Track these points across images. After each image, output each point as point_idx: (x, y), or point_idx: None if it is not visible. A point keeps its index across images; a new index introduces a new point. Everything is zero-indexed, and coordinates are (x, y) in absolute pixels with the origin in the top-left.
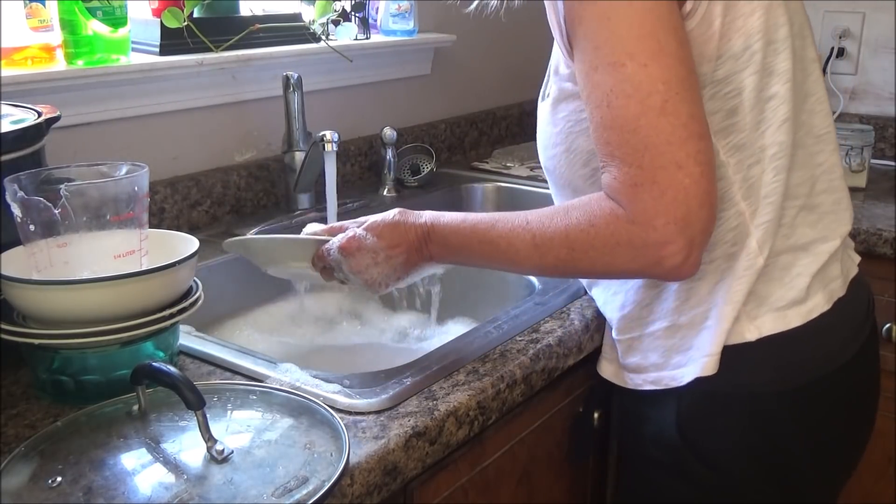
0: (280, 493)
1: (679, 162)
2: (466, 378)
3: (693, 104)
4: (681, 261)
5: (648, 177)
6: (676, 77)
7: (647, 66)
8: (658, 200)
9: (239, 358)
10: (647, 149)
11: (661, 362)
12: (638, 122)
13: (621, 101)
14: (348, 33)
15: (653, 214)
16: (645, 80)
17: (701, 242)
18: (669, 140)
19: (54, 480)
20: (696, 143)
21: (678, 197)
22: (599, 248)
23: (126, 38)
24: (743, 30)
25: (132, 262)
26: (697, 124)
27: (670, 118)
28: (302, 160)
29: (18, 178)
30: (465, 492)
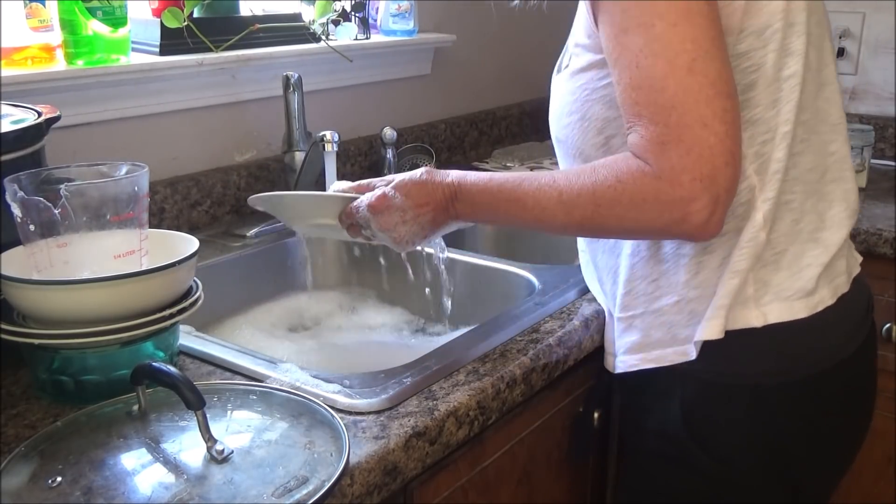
0: (280, 493)
1: (705, 120)
2: (466, 378)
3: (722, 63)
4: (706, 217)
5: (675, 135)
6: (706, 36)
7: (676, 25)
8: (684, 157)
9: (239, 358)
10: (675, 107)
11: (666, 339)
12: (666, 80)
13: (650, 60)
14: (348, 33)
15: (679, 171)
16: (675, 38)
17: (725, 200)
18: (697, 98)
19: (54, 480)
20: (722, 102)
21: (704, 154)
22: (626, 203)
23: (126, 38)
24: (766, 8)
25: (132, 262)
26: (725, 83)
27: (698, 77)
28: (302, 160)
29: (18, 178)
30: (465, 492)
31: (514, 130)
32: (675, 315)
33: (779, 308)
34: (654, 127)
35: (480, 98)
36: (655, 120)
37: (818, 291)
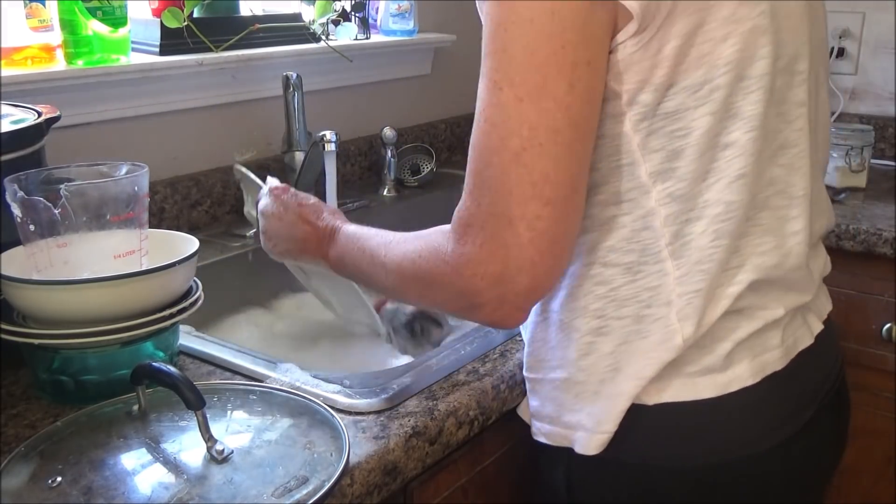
0: (280, 493)
1: (512, 219)
2: (466, 378)
3: (556, 163)
4: (491, 312)
5: (480, 220)
6: (548, 126)
7: (521, 101)
8: (477, 249)
9: (239, 358)
10: (490, 190)
11: (555, 416)
12: (493, 157)
13: (488, 126)
14: (348, 33)
15: (466, 262)
16: (514, 116)
17: (516, 302)
18: (511, 192)
19: (54, 480)
20: (537, 207)
21: (497, 253)
22: (421, 281)
23: (126, 38)
24: (708, 59)
25: (132, 262)
26: (550, 187)
27: (521, 170)
28: (302, 160)
29: (18, 178)
30: (465, 492)
31: None
32: (563, 393)
33: (679, 385)
34: (469, 201)
35: None
36: (473, 194)
37: (732, 368)
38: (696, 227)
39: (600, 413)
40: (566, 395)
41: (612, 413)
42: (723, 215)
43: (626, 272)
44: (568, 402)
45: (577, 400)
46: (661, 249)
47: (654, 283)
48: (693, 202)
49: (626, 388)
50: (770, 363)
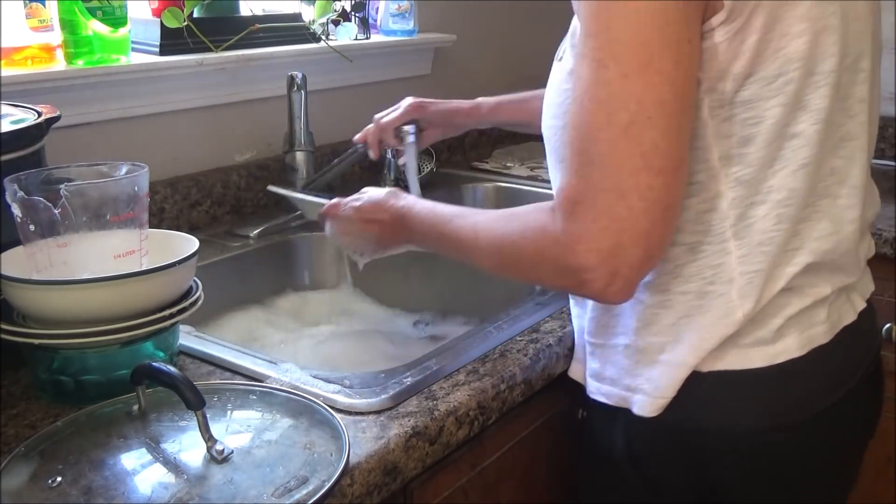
0: (280, 493)
1: (624, 191)
2: (466, 378)
3: (665, 134)
4: (602, 287)
5: (590, 196)
6: (655, 99)
7: (627, 77)
8: (589, 225)
9: (239, 358)
10: (599, 166)
11: (616, 378)
12: (600, 133)
13: (593, 105)
14: (348, 33)
15: (578, 238)
16: (620, 92)
17: (629, 276)
18: (621, 165)
19: (54, 480)
20: (648, 178)
21: (610, 227)
22: (526, 261)
23: (126, 38)
24: (783, 53)
25: (132, 262)
26: (660, 158)
27: (631, 142)
28: (303, 160)
29: (18, 178)
30: (465, 492)
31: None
32: (625, 359)
33: (732, 355)
34: (575, 179)
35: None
36: (580, 171)
37: (781, 340)
38: (759, 210)
39: (659, 379)
40: (628, 360)
41: (672, 381)
42: (785, 201)
43: (690, 251)
44: (629, 366)
45: (637, 365)
46: (725, 230)
47: (716, 261)
48: (758, 187)
49: (686, 358)
50: (816, 337)
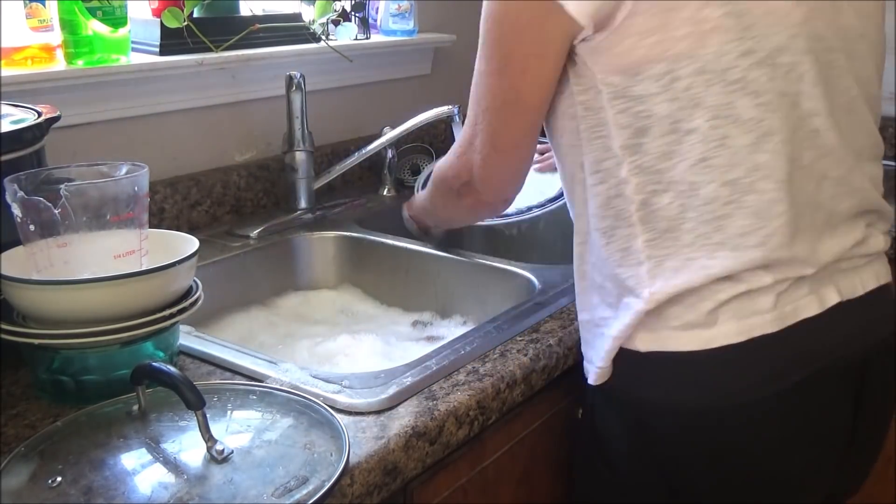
0: (280, 493)
1: (475, 147)
2: (466, 378)
3: (504, 123)
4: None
5: (464, 139)
6: (503, 99)
7: (491, 75)
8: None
9: (239, 358)
10: (470, 124)
11: (583, 351)
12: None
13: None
14: (348, 33)
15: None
16: (484, 83)
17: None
18: (476, 132)
19: (54, 480)
20: (489, 149)
21: (466, 164)
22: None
23: (126, 38)
24: (669, 53)
25: (132, 262)
26: (499, 139)
27: (484, 121)
28: (303, 160)
29: (18, 178)
30: (465, 492)
31: None
32: (585, 333)
33: (667, 336)
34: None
35: None
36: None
37: (717, 326)
38: (663, 198)
39: (598, 350)
40: (586, 333)
41: (605, 352)
42: (688, 192)
43: (604, 235)
44: (586, 339)
45: (589, 337)
46: (631, 214)
47: (626, 244)
48: (659, 177)
49: (614, 331)
50: (759, 325)
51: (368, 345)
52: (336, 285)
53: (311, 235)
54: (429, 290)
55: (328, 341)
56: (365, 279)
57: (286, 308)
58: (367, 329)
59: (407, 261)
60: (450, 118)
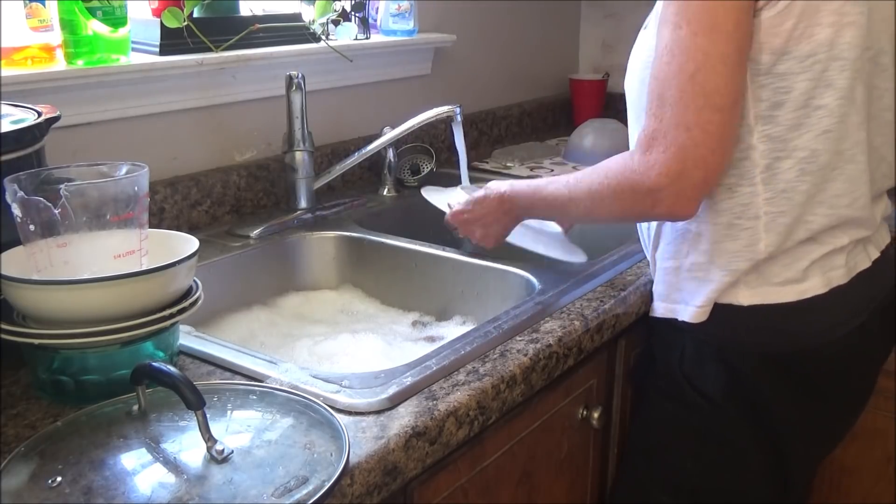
0: (280, 493)
1: (689, 125)
2: (466, 378)
3: (725, 79)
4: (671, 205)
5: (662, 132)
6: (718, 52)
7: (696, 35)
8: (661, 154)
9: (239, 358)
10: (670, 106)
11: (666, 294)
12: (672, 80)
13: (668, 57)
14: (348, 33)
15: (652, 166)
16: (691, 46)
17: (692, 195)
18: (688, 104)
19: (54, 480)
20: (709, 114)
21: (677, 155)
22: (609, 196)
23: (126, 38)
24: (814, 38)
25: (132, 262)
26: (720, 97)
27: (696, 86)
28: (304, 160)
29: (18, 178)
30: (465, 492)
31: (514, 130)
32: (673, 277)
33: (768, 292)
34: (652, 120)
35: (480, 98)
36: (657, 114)
37: (808, 280)
38: (785, 164)
39: (696, 292)
40: (675, 278)
41: (705, 294)
42: (808, 159)
43: (727, 190)
44: (675, 283)
45: (680, 282)
46: (755, 176)
47: (747, 200)
48: (785, 145)
49: (717, 276)
50: (835, 278)
51: (368, 345)
52: (336, 285)
53: (311, 235)
54: (429, 290)
55: (328, 341)
56: (365, 279)
57: (286, 308)
58: (367, 329)
59: (407, 261)
60: (450, 118)
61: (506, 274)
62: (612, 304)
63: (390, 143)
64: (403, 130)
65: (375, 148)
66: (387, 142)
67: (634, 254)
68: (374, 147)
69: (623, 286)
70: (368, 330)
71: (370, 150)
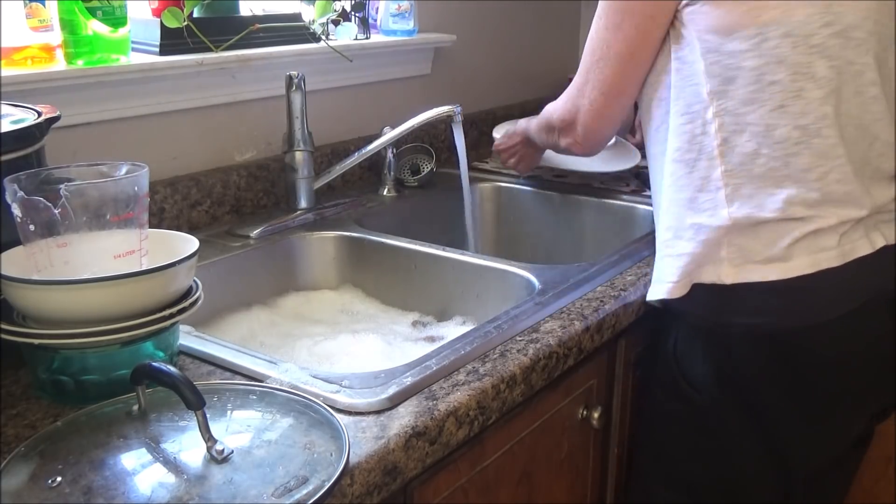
0: (280, 493)
1: (583, 93)
2: (466, 378)
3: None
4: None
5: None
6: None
7: (606, 29)
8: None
9: (239, 358)
10: (581, 73)
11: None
12: (586, 58)
13: (589, 39)
14: (348, 33)
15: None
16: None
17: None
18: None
19: (54, 480)
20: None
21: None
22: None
23: (126, 38)
24: (760, 18)
25: (132, 262)
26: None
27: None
28: (303, 160)
29: (18, 178)
30: (465, 492)
31: None
32: (657, 259)
33: (751, 269)
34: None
35: (480, 98)
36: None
37: (793, 259)
38: (741, 137)
39: (670, 267)
40: (656, 261)
41: (675, 268)
42: (763, 132)
43: (686, 166)
44: (656, 266)
45: (658, 262)
46: (713, 149)
47: (706, 173)
48: (740, 119)
49: (686, 249)
50: (824, 260)
51: (368, 345)
52: (336, 285)
53: (311, 235)
54: (429, 290)
55: (328, 341)
56: (365, 279)
57: (286, 308)
58: (368, 329)
59: (407, 261)
60: (450, 118)
61: (506, 274)
62: (612, 304)
63: (390, 143)
64: (403, 130)
65: (375, 148)
66: (387, 142)
67: (635, 254)
68: (374, 147)
69: (623, 286)
70: (368, 330)
71: (370, 150)
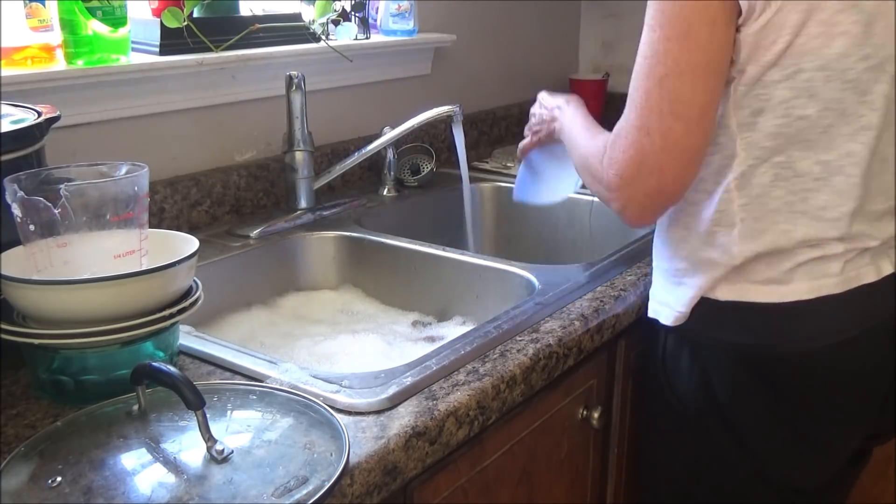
0: (280, 493)
1: (650, 129)
2: (466, 378)
3: (691, 88)
4: (620, 209)
5: (625, 131)
6: (688, 61)
7: (669, 40)
8: (621, 154)
9: (239, 358)
10: (637, 107)
11: (655, 295)
12: (641, 82)
13: (641, 59)
14: (348, 33)
15: (611, 163)
16: (661, 51)
17: (643, 202)
18: (652, 108)
19: (54, 480)
20: (671, 122)
21: (634, 158)
22: (587, 172)
23: (126, 38)
24: (802, 48)
25: (132, 262)
26: (684, 107)
27: (662, 91)
28: (303, 160)
29: (18, 178)
30: (465, 492)
31: (515, 130)
32: (663, 280)
33: (747, 289)
34: (622, 118)
35: (480, 98)
36: (626, 113)
37: (792, 283)
38: (759, 169)
39: (680, 297)
40: (664, 281)
41: (687, 299)
42: (783, 164)
43: (709, 197)
44: (664, 285)
45: (668, 285)
46: (730, 181)
47: (723, 207)
48: (762, 151)
49: (700, 282)
50: (826, 287)
51: (368, 345)
52: (336, 285)
53: (311, 235)
54: (429, 290)
55: (328, 341)
56: (365, 279)
57: (286, 308)
58: (367, 329)
59: (407, 261)
60: (450, 118)
61: (506, 274)
62: (612, 304)
63: (390, 143)
64: (403, 130)
65: (375, 148)
66: (387, 142)
67: (635, 254)
68: (374, 147)
69: (623, 286)
70: (368, 330)
71: (370, 150)
